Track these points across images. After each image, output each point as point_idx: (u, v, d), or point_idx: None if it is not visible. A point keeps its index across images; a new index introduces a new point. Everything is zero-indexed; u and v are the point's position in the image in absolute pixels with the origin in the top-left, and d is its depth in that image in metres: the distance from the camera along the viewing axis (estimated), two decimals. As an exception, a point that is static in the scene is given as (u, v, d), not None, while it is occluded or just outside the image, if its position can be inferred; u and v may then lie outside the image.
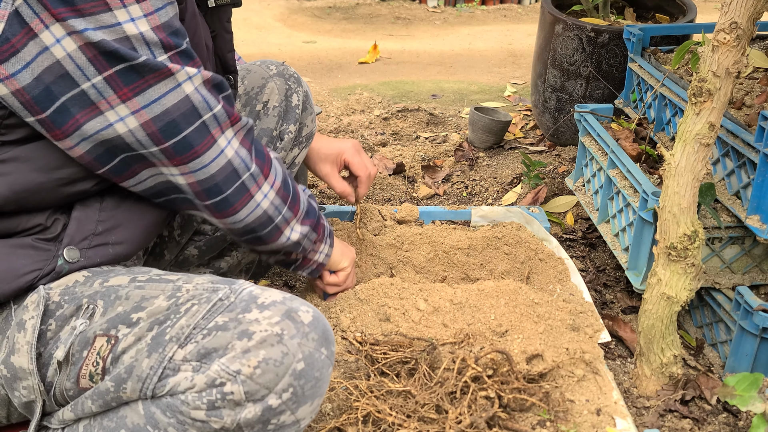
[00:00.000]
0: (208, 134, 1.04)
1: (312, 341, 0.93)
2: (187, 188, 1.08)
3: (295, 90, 1.49)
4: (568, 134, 2.45)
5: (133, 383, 0.92)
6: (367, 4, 4.92)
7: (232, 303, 0.94)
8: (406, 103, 2.98)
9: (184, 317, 0.94)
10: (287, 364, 0.90)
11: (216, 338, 0.90)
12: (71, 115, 0.95)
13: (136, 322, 0.96)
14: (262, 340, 0.90)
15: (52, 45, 0.91)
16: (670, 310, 1.37)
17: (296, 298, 0.97)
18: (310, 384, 0.92)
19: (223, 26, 1.27)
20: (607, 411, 1.27)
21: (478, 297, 1.43)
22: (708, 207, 1.48)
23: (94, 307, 1.00)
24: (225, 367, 0.88)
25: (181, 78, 0.99)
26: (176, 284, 1.01)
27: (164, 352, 0.91)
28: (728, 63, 1.20)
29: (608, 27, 2.23)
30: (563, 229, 2.04)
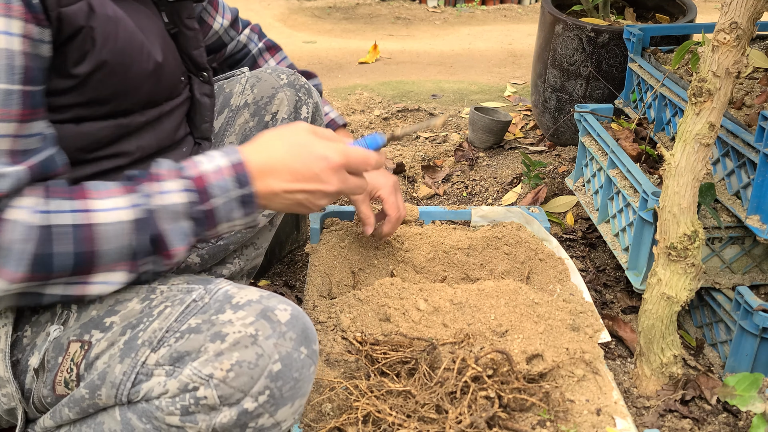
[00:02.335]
0: None
1: (290, 341, 0.90)
2: None
3: (305, 102, 1.45)
4: (568, 134, 2.45)
5: (107, 390, 0.90)
6: (367, 4, 4.92)
7: (206, 304, 0.92)
8: (406, 103, 2.98)
9: (156, 320, 0.91)
10: (262, 366, 0.87)
11: (189, 341, 0.88)
12: None
13: (109, 327, 0.94)
14: (236, 341, 0.87)
15: None
16: (670, 310, 1.37)
17: (275, 296, 0.94)
18: (289, 385, 0.89)
19: (184, 23, 1.21)
20: (607, 411, 1.27)
21: (478, 297, 1.43)
22: (708, 207, 1.48)
23: (68, 313, 0.97)
24: (197, 371, 0.86)
25: None
26: (151, 285, 0.98)
27: (137, 357, 0.89)
28: (728, 63, 1.20)
29: (608, 27, 2.23)
30: (563, 229, 2.04)
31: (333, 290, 1.63)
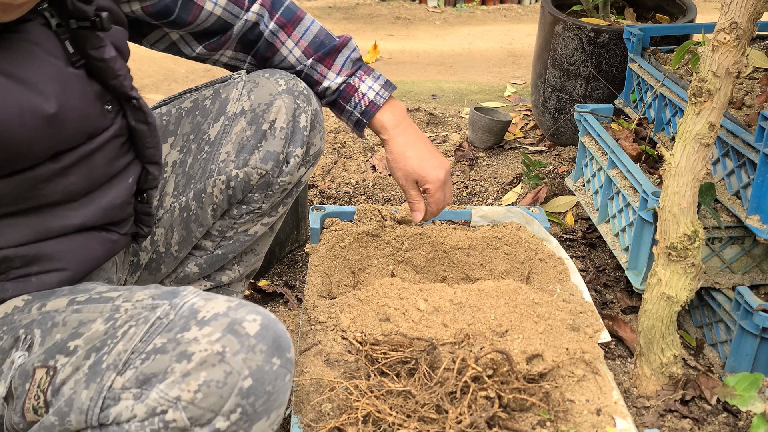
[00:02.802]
0: None
1: (260, 353, 0.87)
2: None
3: (303, 110, 1.35)
4: (568, 134, 2.45)
5: (75, 416, 0.87)
6: (367, 4, 4.92)
7: (171, 321, 0.89)
8: (406, 103, 2.98)
9: (121, 342, 0.88)
10: (232, 384, 0.84)
11: (155, 362, 0.85)
12: None
13: (73, 351, 0.91)
14: (202, 360, 0.84)
15: None
16: (670, 310, 1.37)
17: (244, 305, 0.91)
18: (262, 400, 0.86)
19: (89, 55, 1.04)
20: (607, 411, 1.27)
21: (478, 297, 1.43)
22: (708, 207, 1.48)
23: (32, 338, 0.95)
24: (164, 393, 0.83)
25: None
26: (115, 303, 0.95)
27: (102, 382, 0.86)
28: (728, 63, 1.20)
29: (608, 27, 2.23)
30: (563, 229, 2.04)
31: (333, 290, 1.63)
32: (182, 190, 1.33)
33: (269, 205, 1.38)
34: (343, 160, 2.46)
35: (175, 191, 1.34)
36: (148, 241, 1.36)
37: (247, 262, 1.49)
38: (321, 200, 2.22)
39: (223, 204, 1.33)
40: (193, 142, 1.35)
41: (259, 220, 1.40)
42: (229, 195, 1.32)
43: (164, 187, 1.35)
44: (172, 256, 1.40)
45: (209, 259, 1.41)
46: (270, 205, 1.38)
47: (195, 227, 1.35)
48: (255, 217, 1.39)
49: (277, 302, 1.81)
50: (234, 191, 1.31)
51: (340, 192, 2.28)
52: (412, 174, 1.43)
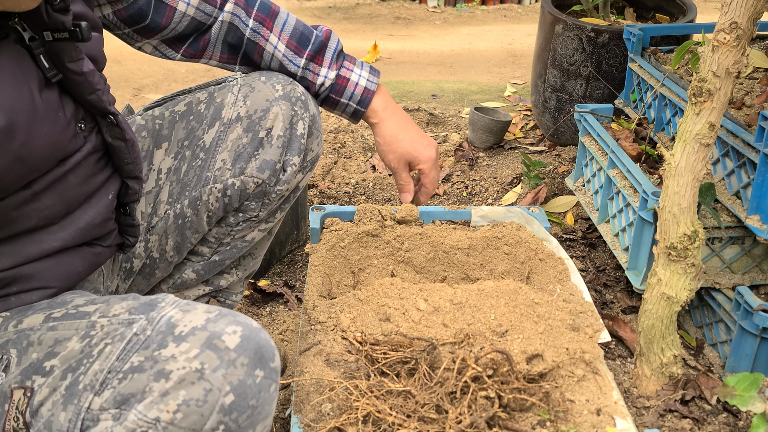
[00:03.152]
0: None
1: (241, 367, 0.84)
2: None
3: (301, 116, 1.32)
4: (568, 134, 2.45)
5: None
6: (367, 4, 4.92)
7: (148, 338, 0.86)
8: (406, 103, 2.98)
9: (97, 361, 0.86)
10: (212, 401, 0.82)
11: (132, 382, 0.83)
12: None
13: (50, 371, 0.89)
14: (181, 379, 0.81)
15: None
16: (670, 310, 1.37)
17: (224, 315, 0.88)
18: (246, 414, 0.84)
19: (67, 68, 0.98)
20: (607, 411, 1.27)
21: (478, 297, 1.43)
22: (708, 207, 1.48)
23: (8, 358, 0.93)
24: (142, 415, 0.81)
25: None
26: (91, 320, 0.93)
27: (80, 403, 0.84)
28: (728, 63, 1.20)
29: (608, 27, 2.23)
30: (563, 229, 2.04)
31: (333, 290, 1.63)
32: (177, 198, 1.32)
33: (266, 213, 1.37)
34: (343, 160, 2.46)
35: (169, 198, 1.32)
36: (142, 247, 1.35)
37: (245, 265, 1.48)
38: (321, 200, 2.22)
39: (218, 212, 1.32)
40: (188, 149, 1.33)
41: (257, 227, 1.39)
42: (225, 203, 1.31)
43: (158, 195, 1.33)
44: (166, 261, 1.38)
45: (206, 266, 1.40)
46: (267, 213, 1.37)
47: (190, 234, 1.34)
48: (252, 224, 1.38)
49: (277, 302, 1.81)
50: (230, 199, 1.30)
51: (340, 192, 2.28)
52: (405, 155, 1.45)
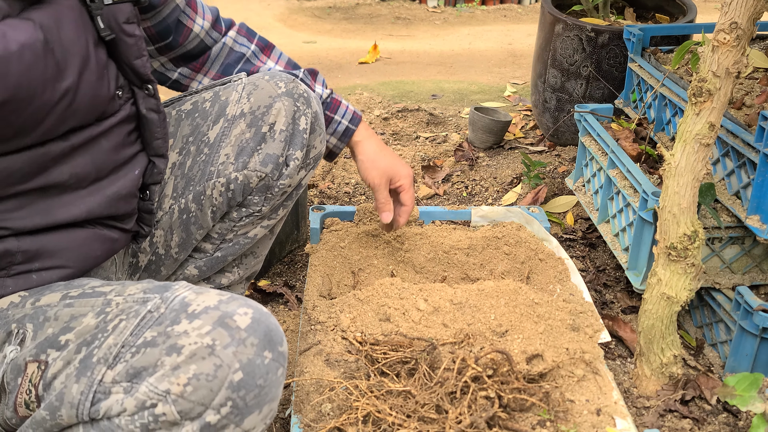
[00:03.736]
0: None
1: (251, 347, 0.86)
2: None
3: (303, 112, 1.35)
4: (568, 134, 2.45)
5: (66, 410, 0.87)
6: (367, 4, 4.92)
7: (161, 315, 0.89)
8: (406, 103, 2.98)
9: (111, 335, 0.88)
10: (222, 377, 0.84)
11: (145, 356, 0.85)
12: None
13: (64, 345, 0.91)
14: (192, 353, 0.84)
15: None
16: (670, 310, 1.37)
17: (235, 299, 0.90)
18: (253, 393, 0.86)
19: (122, 29, 1.07)
20: (607, 411, 1.27)
21: (478, 297, 1.43)
22: (708, 207, 1.48)
23: (24, 332, 0.95)
24: (153, 387, 0.83)
25: None
26: (107, 298, 0.95)
27: (93, 375, 0.86)
28: (728, 63, 1.20)
29: (608, 27, 2.23)
30: (563, 229, 2.04)
31: (333, 290, 1.63)
32: (181, 192, 1.33)
33: (269, 208, 1.37)
34: (343, 160, 2.46)
35: (174, 193, 1.34)
36: (147, 242, 1.36)
37: (247, 264, 1.48)
38: (321, 200, 2.22)
39: (222, 206, 1.33)
40: (192, 144, 1.34)
41: (259, 223, 1.40)
42: (229, 197, 1.32)
43: (163, 189, 1.35)
44: (171, 258, 1.39)
45: (209, 262, 1.41)
46: (270, 208, 1.38)
47: (195, 229, 1.35)
48: (255, 220, 1.38)
49: (277, 302, 1.81)
50: (233, 194, 1.31)
51: (340, 192, 2.28)
52: (387, 171, 1.51)
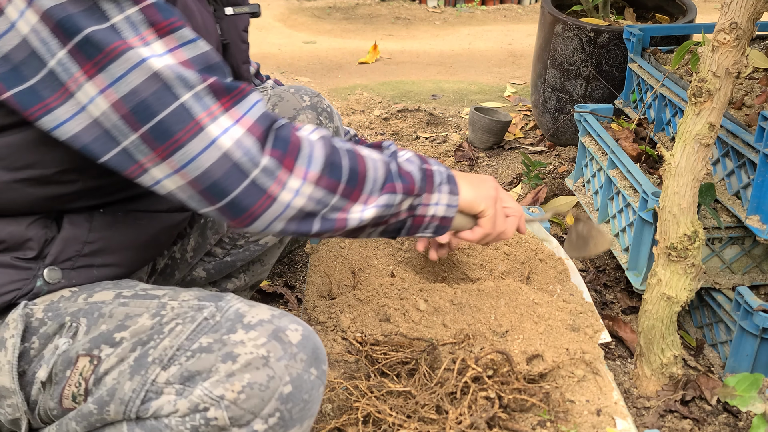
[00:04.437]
0: (191, 119, 0.88)
1: (300, 362, 0.89)
2: (192, 193, 0.92)
3: (325, 125, 1.43)
4: (568, 134, 2.45)
5: (115, 406, 0.89)
6: (367, 4, 4.92)
7: (217, 323, 0.91)
8: (406, 104, 2.98)
9: (167, 338, 0.91)
10: (273, 388, 0.87)
11: (200, 360, 0.87)
12: (41, 98, 0.86)
13: (119, 342, 0.93)
14: (247, 363, 0.87)
15: (17, 20, 0.84)
16: (670, 310, 1.37)
17: (286, 315, 0.94)
18: (299, 407, 0.89)
19: (239, 35, 1.22)
20: (608, 411, 1.27)
21: (478, 297, 1.43)
22: (708, 207, 1.48)
23: (77, 326, 0.97)
24: (208, 391, 0.86)
25: (146, 52, 0.86)
26: (161, 301, 0.97)
27: (147, 375, 0.88)
28: (728, 63, 1.20)
29: (608, 27, 2.23)
30: (563, 229, 2.04)
31: (333, 290, 1.62)
32: None
33: None
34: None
35: None
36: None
37: (253, 271, 1.49)
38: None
39: None
40: None
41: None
42: None
43: None
44: (186, 262, 1.41)
45: (218, 266, 1.43)
46: None
47: (210, 234, 1.38)
48: None
49: (277, 303, 1.81)
50: None
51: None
52: None
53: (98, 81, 0.85)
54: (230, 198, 0.92)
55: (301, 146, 0.96)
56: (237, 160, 0.90)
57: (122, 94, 0.85)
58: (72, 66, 0.85)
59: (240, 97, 0.92)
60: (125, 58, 0.85)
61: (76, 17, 0.83)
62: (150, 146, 0.88)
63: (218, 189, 0.91)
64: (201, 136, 0.89)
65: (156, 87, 0.86)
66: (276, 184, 0.93)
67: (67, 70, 0.85)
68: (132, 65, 0.85)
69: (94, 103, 0.86)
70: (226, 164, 0.90)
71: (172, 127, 0.88)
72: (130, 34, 0.86)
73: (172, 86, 0.87)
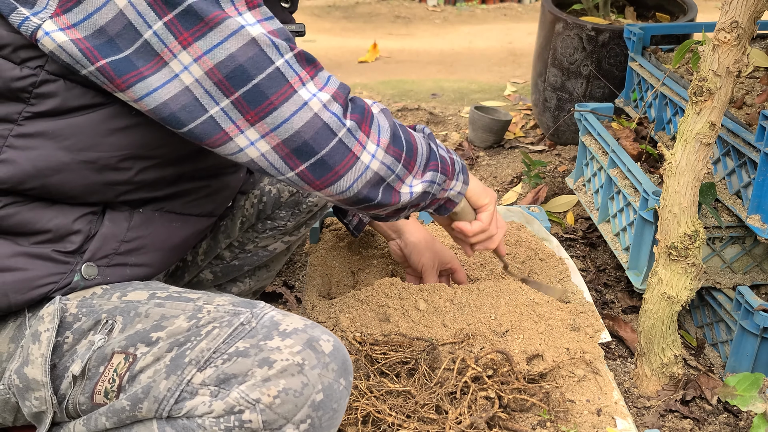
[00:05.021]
0: (285, 83, 0.94)
1: (332, 372, 0.91)
2: (276, 158, 0.97)
3: None
4: (568, 133, 2.45)
5: (149, 404, 0.90)
6: (366, 2, 4.92)
7: (253, 328, 0.93)
8: (405, 102, 2.98)
9: (204, 340, 0.92)
10: (307, 395, 0.88)
11: (236, 364, 0.89)
12: (135, 67, 0.92)
13: (155, 342, 0.94)
14: (283, 369, 0.88)
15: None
16: (670, 309, 1.37)
17: (317, 325, 0.96)
18: (328, 416, 0.91)
19: None
20: (608, 411, 1.27)
21: (478, 297, 1.43)
22: (709, 206, 1.47)
23: (113, 323, 0.98)
24: (245, 394, 0.87)
25: (242, 21, 0.91)
26: (197, 304, 0.99)
27: (183, 375, 0.90)
28: (729, 62, 1.20)
29: (609, 26, 2.23)
30: (564, 229, 2.04)
31: (332, 290, 1.62)
32: None
33: (294, 224, 1.43)
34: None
35: None
36: None
37: (259, 276, 1.50)
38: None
39: (252, 218, 1.39)
40: None
41: (281, 238, 1.45)
42: (260, 209, 1.38)
43: None
44: (196, 264, 1.43)
45: (225, 269, 1.44)
46: (294, 224, 1.43)
47: (222, 238, 1.40)
48: (277, 234, 1.43)
49: (277, 302, 1.81)
50: (264, 206, 1.38)
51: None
52: (438, 255, 1.54)
53: (194, 49, 0.90)
54: (319, 156, 0.98)
55: (372, 115, 1.05)
56: (327, 121, 0.97)
57: (218, 60, 0.90)
58: (168, 36, 0.90)
59: (320, 68, 0.99)
60: (225, 26, 0.90)
61: None
62: (242, 111, 0.93)
63: (308, 148, 0.97)
64: (294, 99, 0.95)
65: (253, 52, 0.92)
66: (358, 144, 1.01)
67: (163, 40, 0.90)
68: (230, 32, 0.90)
69: (188, 71, 0.91)
70: (317, 124, 0.96)
71: (266, 90, 0.93)
72: (227, 5, 0.91)
73: (267, 52, 0.93)
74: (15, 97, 0.95)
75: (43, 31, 0.90)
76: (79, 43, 0.90)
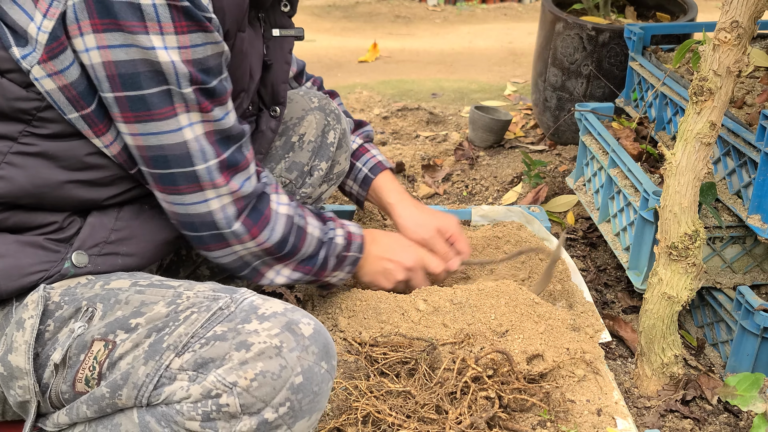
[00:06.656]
0: (195, 183, 1.06)
1: (312, 355, 0.91)
2: (174, 222, 1.12)
3: (333, 127, 1.47)
4: (568, 133, 2.45)
5: (128, 390, 0.91)
6: (366, 2, 4.92)
7: (232, 313, 0.93)
8: (406, 102, 2.98)
9: (182, 325, 0.93)
10: (285, 378, 0.89)
11: (214, 348, 0.89)
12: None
13: (134, 328, 0.95)
14: (261, 352, 0.89)
15: (81, 52, 0.94)
16: (671, 309, 1.36)
17: (298, 309, 0.96)
18: (308, 399, 0.91)
19: (284, 56, 1.29)
20: (608, 411, 1.27)
21: (478, 297, 1.43)
22: (709, 206, 1.47)
23: (93, 311, 0.99)
24: (221, 378, 0.88)
25: (183, 122, 1.00)
26: (177, 290, 1.00)
27: (161, 360, 0.90)
28: (729, 62, 1.20)
29: (609, 26, 2.23)
30: (563, 228, 2.04)
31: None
32: None
33: None
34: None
35: None
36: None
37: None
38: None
39: None
40: None
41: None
42: None
43: None
44: (191, 260, 1.44)
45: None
46: None
47: None
48: None
49: (277, 302, 1.81)
50: None
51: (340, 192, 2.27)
52: (434, 224, 1.52)
53: (132, 128, 1.00)
54: (197, 234, 1.12)
55: (270, 220, 1.16)
56: (216, 220, 1.10)
57: (149, 144, 1.01)
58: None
59: (241, 169, 1.10)
60: (165, 123, 1.00)
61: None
62: (155, 182, 1.06)
63: (193, 228, 1.11)
64: (198, 195, 1.07)
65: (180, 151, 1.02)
66: (236, 240, 1.14)
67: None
68: (169, 130, 1.00)
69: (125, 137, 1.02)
70: (208, 219, 1.10)
71: (179, 180, 1.05)
72: (178, 100, 1.00)
73: (192, 155, 1.04)
74: (17, 117, 0.97)
75: (33, 76, 0.94)
76: (65, 91, 0.96)
